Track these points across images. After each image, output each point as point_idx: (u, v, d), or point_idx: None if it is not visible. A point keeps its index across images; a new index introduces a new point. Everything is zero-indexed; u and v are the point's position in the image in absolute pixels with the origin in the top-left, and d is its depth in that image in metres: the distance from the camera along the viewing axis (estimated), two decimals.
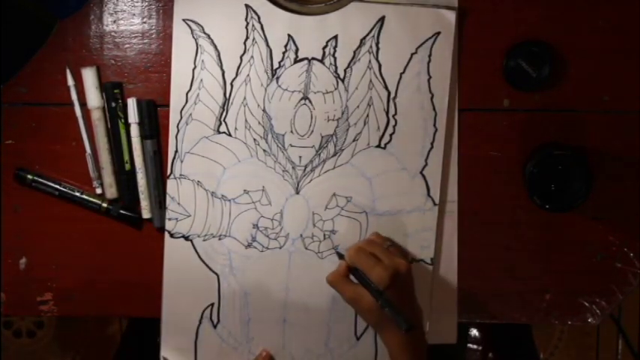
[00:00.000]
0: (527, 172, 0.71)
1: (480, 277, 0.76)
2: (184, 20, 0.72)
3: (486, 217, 0.75)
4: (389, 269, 0.64)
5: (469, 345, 0.97)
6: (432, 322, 0.75)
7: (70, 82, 0.73)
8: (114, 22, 0.73)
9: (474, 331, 0.98)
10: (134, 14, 0.73)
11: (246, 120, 0.73)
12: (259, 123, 0.73)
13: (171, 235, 0.74)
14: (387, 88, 0.72)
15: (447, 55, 0.71)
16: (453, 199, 0.74)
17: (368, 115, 0.72)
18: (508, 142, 0.73)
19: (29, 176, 0.74)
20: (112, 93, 0.73)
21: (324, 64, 0.72)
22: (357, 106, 0.72)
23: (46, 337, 1.50)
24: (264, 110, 0.72)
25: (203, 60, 0.72)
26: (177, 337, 0.76)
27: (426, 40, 0.71)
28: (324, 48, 0.71)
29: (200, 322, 0.76)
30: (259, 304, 0.76)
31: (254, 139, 0.73)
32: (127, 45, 0.73)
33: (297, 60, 0.72)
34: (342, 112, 0.72)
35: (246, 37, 0.71)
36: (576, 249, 0.75)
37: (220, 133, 0.73)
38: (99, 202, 0.74)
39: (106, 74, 0.73)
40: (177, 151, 0.73)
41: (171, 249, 0.75)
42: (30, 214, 0.76)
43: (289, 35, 0.71)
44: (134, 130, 0.73)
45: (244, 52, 0.72)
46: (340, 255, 0.71)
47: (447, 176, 0.74)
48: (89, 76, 0.72)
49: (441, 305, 0.75)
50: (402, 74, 0.72)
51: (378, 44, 0.71)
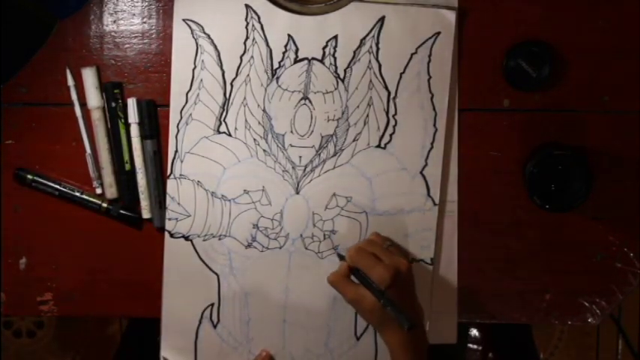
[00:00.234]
0: (527, 172, 0.71)
1: (480, 277, 0.76)
2: (184, 20, 0.72)
3: (486, 217, 0.75)
4: (390, 269, 0.64)
5: (469, 345, 0.97)
6: (432, 322, 0.75)
7: (70, 82, 0.73)
8: (114, 22, 0.73)
9: (474, 331, 0.98)
10: (134, 14, 0.73)
11: (246, 120, 0.73)
12: (259, 123, 0.73)
13: (171, 235, 0.74)
14: (387, 88, 0.72)
15: (447, 55, 0.71)
16: (453, 199, 0.74)
17: (368, 115, 0.72)
18: (508, 142, 0.73)
19: (29, 176, 0.74)
20: (112, 93, 0.73)
21: (324, 64, 0.72)
22: (357, 106, 0.72)
23: (46, 337, 1.50)
24: (264, 110, 0.72)
25: (203, 60, 0.72)
26: (177, 337, 0.76)
27: (426, 40, 0.71)
28: (324, 48, 0.71)
29: (200, 322, 0.76)
30: (259, 304, 0.76)
31: (254, 139, 0.73)
32: (127, 45, 0.73)
33: (297, 60, 0.72)
34: (342, 112, 0.72)
35: (246, 37, 0.71)
36: (576, 249, 0.75)
37: (220, 133, 0.73)
38: (99, 202, 0.74)
39: (106, 74, 0.73)
40: (177, 151, 0.73)
41: (171, 249, 0.75)
42: (30, 214, 0.76)
43: (289, 35, 0.71)
44: (134, 130, 0.73)
45: (244, 52, 0.72)
46: (341, 256, 0.71)
47: (447, 176, 0.74)
48: (89, 76, 0.72)
49: (441, 305, 0.75)
50: (402, 74, 0.72)
51: (378, 44, 0.71)
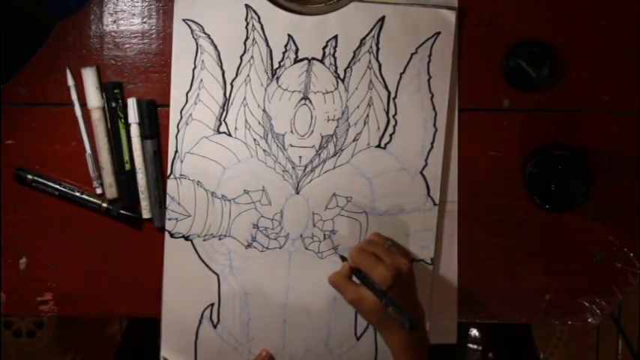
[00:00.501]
0: (527, 172, 0.71)
1: (480, 277, 0.76)
2: (184, 20, 0.72)
3: (486, 217, 0.75)
4: (391, 269, 0.64)
5: (469, 345, 0.97)
6: (432, 322, 0.75)
7: (70, 82, 0.73)
8: (114, 22, 0.73)
9: (474, 331, 0.98)
10: (134, 14, 0.73)
11: (246, 120, 0.73)
12: (259, 123, 0.73)
13: (172, 235, 0.74)
14: (387, 88, 0.72)
15: (447, 55, 0.71)
16: (453, 199, 0.74)
17: (368, 115, 0.72)
18: (508, 142, 0.73)
19: (29, 176, 0.74)
20: (112, 93, 0.73)
21: (324, 64, 0.72)
22: (357, 106, 0.72)
23: (46, 337, 1.50)
24: (264, 110, 0.72)
25: (203, 60, 0.72)
26: (177, 338, 0.76)
27: (426, 40, 0.71)
28: (324, 48, 0.71)
29: (200, 322, 0.76)
30: (259, 304, 0.76)
31: (254, 139, 0.73)
32: (127, 45, 0.73)
33: (297, 60, 0.72)
34: (342, 112, 0.72)
35: (246, 37, 0.71)
36: (576, 249, 0.75)
37: (220, 133, 0.73)
38: (99, 202, 0.74)
39: (106, 74, 0.73)
40: (177, 151, 0.73)
41: (171, 249, 0.75)
42: (30, 214, 0.76)
43: (289, 35, 0.71)
44: (134, 130, 0.73)
45: (244, 52, 0.72)
46: (343, 257, 0.71)
47: (447, 176, 0.74)
48: (89, 76, 0.72)
49: (441, 305, 0.75)
50: (402, 74, 0.72)
51: (378, 44, 0.71)
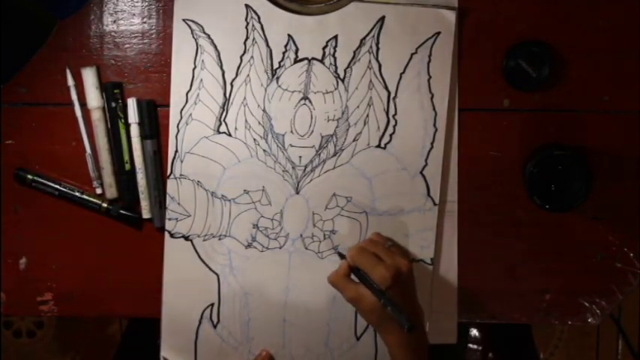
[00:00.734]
0: (527, 172, 0.71)
1: (480, 277, 0.76)
2: (184, 20, 0.72)
3: (486, 217, 0.75)
4: (391, 269, 0.64)
5: (469, 345, 0.97)
6: (432, 322, 0.75)
7: (70, 82, 0.73)
8: (114, 22, 0.73)
9: (474, 331, 0.98)
10: (134, 14, 0.73)
11: (246, 120, 0.73)
12: (259, 123, 0.73)
13: (172, 235, 0.74)
14: (387, 88, 0.72)
15: (447, 55, 0.71)
16: (453, 199, 0.74)
17: (368, 115, 0.72)
18: (508, 142, 0.73)
19: (29, 176, 0.74)
20: (112, 93, 0.73)
21: (324, 64, 0.72)
22: (357, 106, 0.72)
23: (46, 337, 1.50)
24: (264, 110, 0.72)
25: (203, 60, 0.72)
26: (177, 337, 0.76)
27: (426, 40, 0.71)
28: (324, 48, 0.71)
29: (200, 322, 0.76)
30: (259, 304, 0.76)
31: (254, 139, 0.73)
32: (127, 45, 0.73)
33: (297, 60, 0.72)
34: (342, 112, 0.72)
35: (246, 37, 0.71)
36: (576, 249, 0.75)
37: (220, 133, 0.73)
38: (99, 202, 0.74)
39: (106, 74, 0.73)
40: (177, 151, 0.73)
41: (171, 249, 0.75)
42: (30, 214, 0.76)
43: (289, 35, 0.71)
44: (134, 130, 0.73)
45: (244, 52, 0.72)
46: (341, 255, 0.71)
47: (447, 176, 0.74)
48: (89, 76, 0.72)
49: (441, 305, 0.75)
50: (402, 74, 0.72)
51: (378, 44, 0.71)
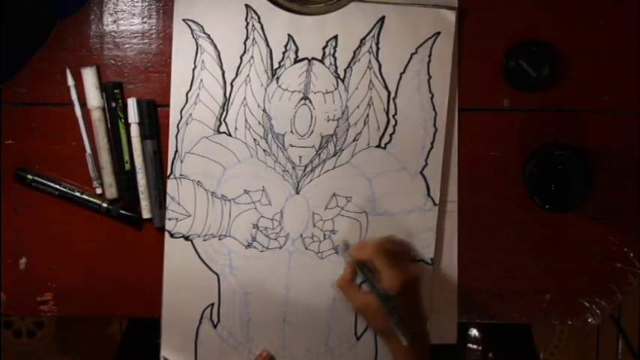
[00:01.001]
0: (527, 172, 0.71)
1: (480, 277, 0.76)
2: (184, 20, 0.72)
3: (486, 217, 0.75)
4: (401, 275, 0.62)
5: (469, 345, 0.97)
6: (432, 322, 0.75)
7: (70, 82, 0.73)
8: (114, 22, 0.73)
9: (473, 331, 0.98)
10: (134, 14, 0.73)
11: (246, 120, 0.73)
12: (259, 123, 0.73)
13: (172, 235, 0.74)
14: (387, 88, 0.72)
15: (447, 55, 0.71)
16: (453, 199, 0.74)
17: (368, 115, 0.72)
18: (508, 142, 0.73)
19: (29, 176, 0.74)
20: (112, 93, 0.73)
21: (324, 64, 0.72)
22: (357, 106, 0.72)
23: (46, 337, 1.50)
24: (264, 110, 0.72)
25: (203, 60, 0.72)
26: (177, 337, 0.76)
27: (426, 40, 0.71)
28: (324, 48, 0.71)
29: (200, 322, 0.76)
30: (259, 304, 0.76)
31: (254, 139, 0.73)
32: (127, 45, 0.73)
33: (297, 60, 0.72)
34: (342, 112, 0.72)
35: (246, 37, 0.71)
36: (576, 249, 0.75)
37: (220, 133, 0.73)
38: (99, 202, 0.74)
39: (106, 74, 0.73)
40: (177, 151, 0.73)
41: (171, 249, 0.75)
42: (30, 214, 0.76)
43: (289, 35, 0.71)
44: (134, 130, 0.73)
45: (244, 52, 0.72)
46: (346, 245, 0.68)
47: (447, 176, 0.74)
48: (89, 76, 0.72)
49: (441, 305, 0.75)
50: (402, 74, 0.72)
51: (378, 44, 0.71)
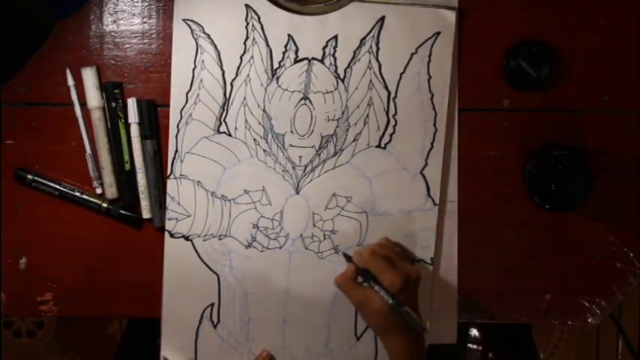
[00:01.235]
0: (527, 172, 0.71)
1: (480, 277, 0.76)
2: (184, 20, 0.72)
3: (486, 217, 0.75)
4: (401, 275, 0.64)
5: (469, 345, 0.97)
6: (432, 322, 0.75)
7: (70, 82, 0.73)
8: (114, 22, 0.73)
9: (474, 331, 0.98)
10: (134, 14, 0.73)
11: (246, 120, 0.73)
12: (259, 123, 0.73)
13: (172, 235, 0.74)
14: (387, 88, 0.72)
15: (447, 55, 0.71)
16: (453, 199, 0.74)
17: (368, 115, 0.72)
18: (508, 142, 0.73)
19: (29, 176, 0.74)
20: (112, 93, 0.73)
21: (324, 64, 0.72)
22: (357, 106, 0.72)
23: (46, 337, 1.50)
24: (264, 110, 0.72)
25: (203, 60, 0.72)
26: (177, 337, 0.76)
27: (426, 40, 0.71)
28: (324, 48, 0.71)
29: (200, 322, 0.76)
30: (259, 304, 0.76)
31: (254, 139, 0.73)
32: (127, 45, 0.73)
33: (297, 60, 0.72)
34: (342, 112, 0.72)
35: (246, 37, 0.71)
36: (576, 249, 0.75)
37: (220, 133, 0.73)
38: (99, 202, 0.74)
39: (106, 74, 0.73)
40: (177, 151, 0.73)
41: (172, 249, 0.75)
42: (30, 214, 0.76)
43: (289, 35, 0.71)
44: (134, 130, 0.73)
45: (244, 52, 0.72)
46: (347, 257, 0.71)
47: (447, 176, 0.74)
48: (89, 76, 0.72)
49: (441, 305, 0.75)
50: (402, 74, 0.72)
51: (378, 44, 0.71)
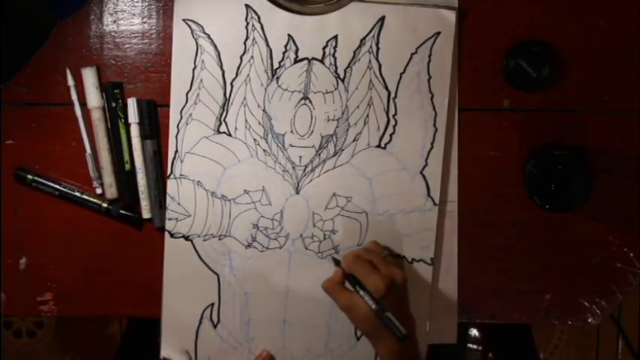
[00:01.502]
0: (527, 172, 0.71)
1: (480, 278, 0.76)
2: (184, 20, 0.72)
3: (486, 217, 0.75)
4: (385, 279, 0.63)
5: (469, 345, 0.97)
6: (432, 322, 0.75)
7: (70, 82, 0.73)
8: (114, 22, 0.73)
9: (473, 331, 0.98)
10: (134, 14, 0.73)
11: (246, 120, 0.73)
12: (259, 123, 0.73)
13: (172, 235, 0.74)
14: (387, 88, 0.72)
15: (447, 55, 0.71)
16: (453, 199, 0.74)
17: (368, 115, 0.72)
18: (508, 142, 0.73)
19: (29, 176, 0.74)
20: (112, 93, 0.73)
21: (324, 64, 0.72)
22: (357, 106, 0.72)
23: (46, 337, 1.50)
24: (264, 110, 0.72)
25: (203, 60, 0.72)
26: (177, 337, 0.76)
27: (426, 40, 0.71)
28: (324, 48, 0.71)
29: (200, 322, 0.76)
30: (259, 304, 0.76)
31: (254, 139, 0.73)
32: (127, 45, 0.73)
33: (297, 60, 0.72)
34: (342, 112, 0.72)
35: (246, 37, 0.71)
36: (576, 249, 0.75)
37: (220, 133, 0.73)
38: (99, 202, 0.74)
39: (106, 74, 0.73)
40: (177, 151, 0.73)
41: (172, 249, 0.75)
42: (30, 214, 0.76)
43: (289, 35, 0.71)
44: (134, 130, 0.73)
45: (244, 52, 0.72)
46: (336, 261, 0.70)
47: (447, 176, 0.74)
48: (89, 76, 0.72)
49: (441, 305, 0.75)
50: (402, 74, 0.72)
51: (378, 44, 0.71)
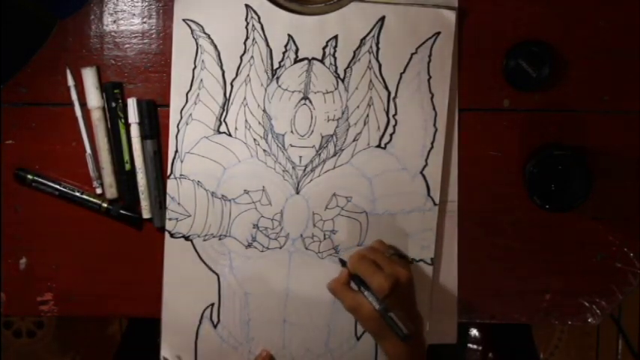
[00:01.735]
0: (527, 172, 0.71)
1: (480, 277, 0.76)
2: (184, 20, 0.72)
3: (486, 217, 0.75)
4: (389, 278, 0.64)
5: (469, 345, 0.97)
6: (432, 322, 0.75)
7: (70, 82, 0.73)
8: (114, 22, 0.73)
9: (474, 331, 0.98)
10: (134, 14, 0.73)
11: (246, 120, 0.73)
12: (259, 123, 0.73)
13: (172, 235, 0.74)
14: (387, 88, 0.72)
15: (447, 55, 0.71)
16: (453, 199, 0.74)
17: (368, 115, 0.72)
18: (508, 142, 0.73)
19: (29, 176, 0.74)
20: (112, 93, 0.73)
21: (324, 64, 0.72)
22: (357, 106, 0.72)
23: (46, 337, 1.50)
24: (264, 110, 0.72)
25: (203, 60, 0.72)
26: (177, 337, 0.76)
27: (426, 40, 0.71)
28: (324, 48, 0.71)
29: (200, 322, 0.76)
30: (259, 304, 0.76)
31: (254, 139, 0.73)
32: (127, 45, 0.73)
33: (297, 60, 0.72)
34: (342, 112, 0.72)
35: (247, 37, 0.71)
36: (576, 249, 0.75)
37: (220, 133, 0.73)
38: (99, 202, 0.74)
39: (106, 74, 0.73)
40: (177, 151, 0.73)
41: (172, 249, 0.75)
42: (30, 214, 0.76)
43: (289, 35, 0.71)
44: (134, 130, 0.73)
45: (244, 52, 0.72)
46: (343, 262, 0.70)
47: (447, 176, 0.74)
48: (89, 76, 0.72)
49: (441, 305, 0.75)
50: (402, 74, 0.72)
51: (378, 44, 0.71)
